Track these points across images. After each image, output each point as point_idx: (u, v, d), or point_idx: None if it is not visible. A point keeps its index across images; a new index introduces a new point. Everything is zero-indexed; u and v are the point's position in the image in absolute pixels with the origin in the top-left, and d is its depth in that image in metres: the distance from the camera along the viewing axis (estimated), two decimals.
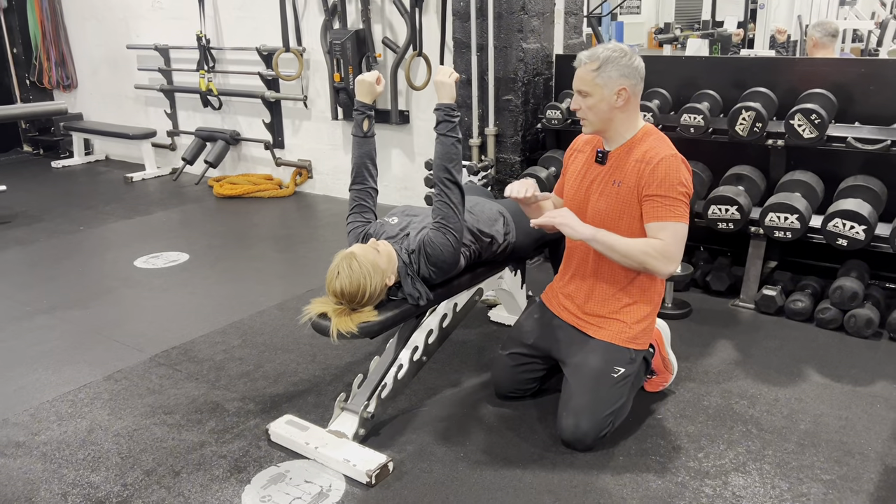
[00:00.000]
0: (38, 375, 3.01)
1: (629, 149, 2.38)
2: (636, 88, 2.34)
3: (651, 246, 2.30)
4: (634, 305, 2.47)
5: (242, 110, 6.20)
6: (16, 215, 5.44)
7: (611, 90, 2.30)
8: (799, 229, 3.29)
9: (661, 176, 2.28)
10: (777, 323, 3.37)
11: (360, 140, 2.68)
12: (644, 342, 2.51)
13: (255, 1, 5.73)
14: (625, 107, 2.33)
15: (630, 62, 2.30)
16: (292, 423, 2.52)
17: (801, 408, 2.66)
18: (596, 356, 2.44)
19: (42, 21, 7.33)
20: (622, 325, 2.46)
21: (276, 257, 4.52)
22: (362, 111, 2.66)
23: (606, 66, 2.28)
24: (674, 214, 2.29)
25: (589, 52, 2.34)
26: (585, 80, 2.32)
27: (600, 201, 2.42)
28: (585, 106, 2.35)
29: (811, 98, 3.43)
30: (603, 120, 2.36)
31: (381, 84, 2.67)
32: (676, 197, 2.29)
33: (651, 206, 2.31)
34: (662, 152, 2.31)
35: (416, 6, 4.71)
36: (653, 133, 2.40)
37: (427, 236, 2.43)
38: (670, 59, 5.48)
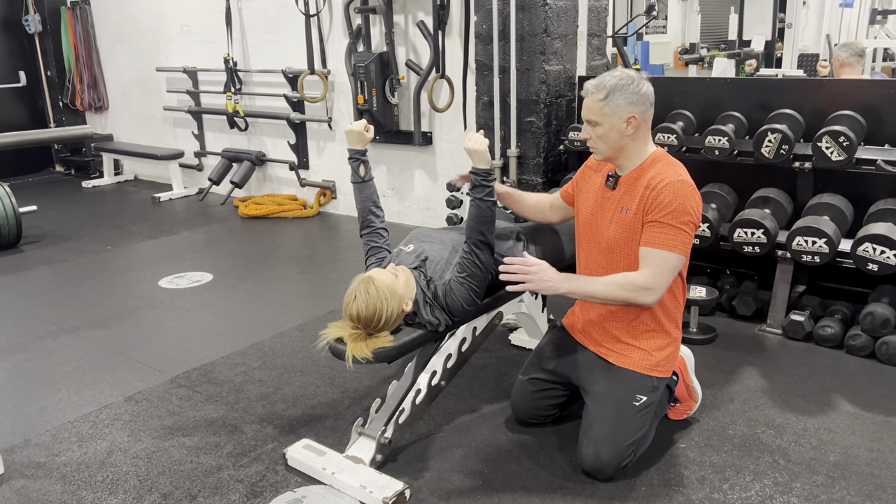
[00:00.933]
0: (60, 395, 3.04)
1: (639, 175, 2.35)
2: (646, 115, 2.31)
3: (631, 282, 2.28)
4: (655, 332, 2.42)
5: (268, 131, 6.27)
6: (45, 235, 5.54)
7: (620, 118, 2.27)
8: (827, 254, 3.22)
9: (664, 201, 2.25)
10: (805, 349, 3.29)
11: (360, 186, 2.72)
12: (667, 370, 2.46)
13: (281, 24, 5.81)
14: (635, 134, 2.31)
15: (638, 89, 2.27)
16: (309, 447, 2.51)
17: (830, 438, 2.58)
18: (617, 384, 2.39)
19: (76, 45, 7.52)
20: (644, 352, 2.41)
21: (298, 278, 4.53)
22: (356, 158, 2.70)
23: (614, 94, 2.26)
24: (667, 243, 2.25)
25: (596, 80, 2.32)
26: (593, 109, 2.30)
27: (610, 228, 2.40)
28: (595, 135, 2.33)
29: (839, 120, 3.37)
30: (613, 148, 2.34)
31: (370, 131, 2.70)
32: (675, 225, 2.25)
33: (648, 231, 2.28)
34: (669, 178, 2.28)
35: (440, 29, 4.74)
36: (662, 159, 2.36)
37: (449, 289, 2.42)
38: (694, 81, 5.44)
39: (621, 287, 2.29)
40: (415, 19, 4.99)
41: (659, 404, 2.46)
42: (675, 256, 2.26)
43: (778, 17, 9.55)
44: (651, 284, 2.26)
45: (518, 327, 3.43)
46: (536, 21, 4.07)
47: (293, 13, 5.50)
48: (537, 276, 2.30)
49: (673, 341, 2.45)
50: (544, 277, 2.30)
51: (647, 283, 2.26)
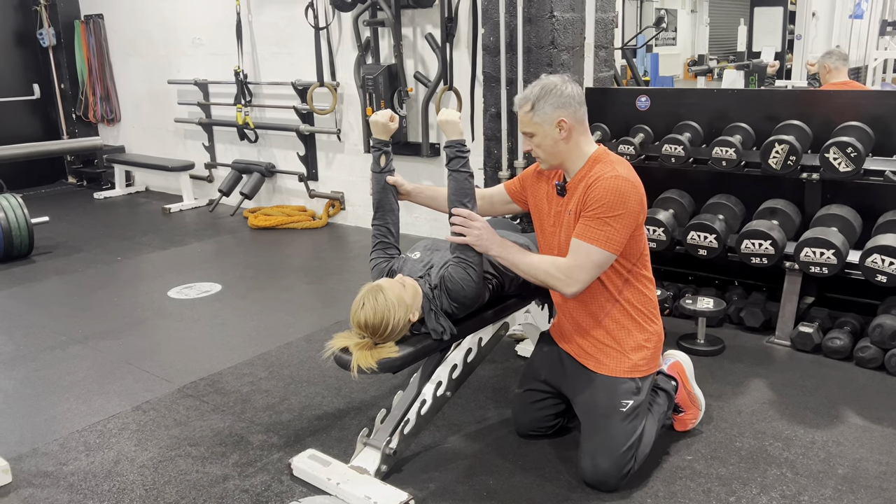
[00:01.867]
0: (69, 405, 3.06)
1: (581, 178, 2.37)
2: (576, 115, 2.33)
3: (554, 266, 2.32)
4: (627, 329, 2.41)
5: (278, 143, 6.31)
6: (57, 245, 5.59)
7: (550, 125, 2.31)
8: (836, 265, 3.20)
9: (595, 196, 2.26)
10: (814, 361, 3.27)
11: (379, 176, 2.71)
12: (648, 368, 2.43)
13: (291, 37, 5.86)
14: (569, 137, 2.33)
15: (561, 92, 2.30)
16: (315, 457, 2.51)
17: (839, 451, 2.55)
18: (600, 392, 2.40)
19: (89, 58, 7.61)
20: (619, 354, 2.41)
21: (306, 289, 4.55)
22: (378, 148, 2.70)
23: (539, 103, 2.30)
24: (591, 236, 2.26)
25: (522, 94, 2.39)
26: (525, 121, 2.37)
27: (563, 233, 2.43)
28: (533, 145, 2.39)
29: (847, 131, 3.36)
30: (552, 154, 2.37)
31: (395, 121, 2.70)
32: (603, 218, 2.24)
33: (579, 224, 2.30)
34: (604, 174, 2.29)
35: (448, 41, 4.77)
36: (601, 158, 2.37)
37: (447, 272, 2.42)
38: (702, 92, 5.45)
39: (543, 270, 2.34)
40: (423, 32, 5.02)
41: (655, 404, 2.47)
42: (598, 251, 2.26)
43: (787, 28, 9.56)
44: (570, 275, 2.29)
45: (524, 338, 3.43)
46: (543, 33, 4.09)
47: (303, 26, 5.55)
48: (475, 232, 2.36)
49: (649, 337, 2.43)
50: (481, 235, 2.37)
51: (568, 272, 2.29)
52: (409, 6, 4.90)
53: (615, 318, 2.40)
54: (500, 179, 4.36)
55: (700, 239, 3.56)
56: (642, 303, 2.43)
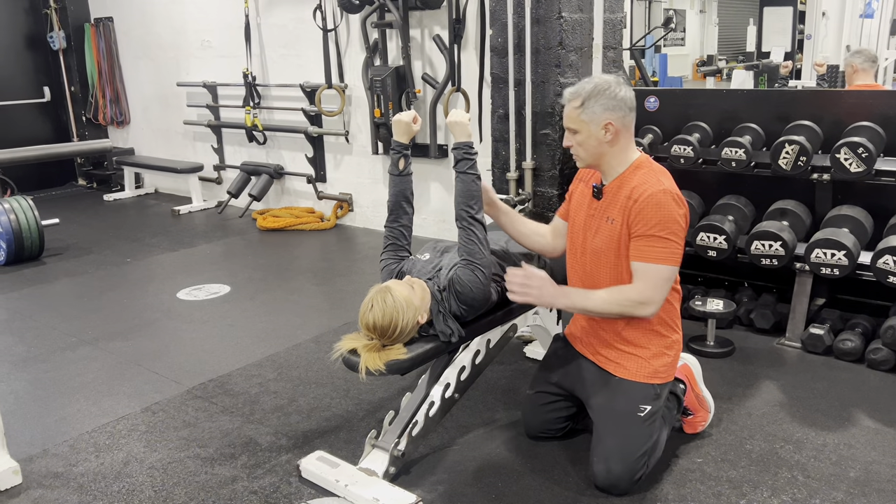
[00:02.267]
0: (79, 406, 3.07)
1: (621, 184, 2.34)
2: (625, 121, 2.30)
3: (625, 297, 2.29)
4: (649, 336, 2.40)
5: (286, 145, 6.33)
6: (67, 247, 5.62)
7: (597, 125, 2.27)
8: (847, 266, 3.18)
9: (648, 214, 2.24)
10: (825, 363, 3.25)
11: (396, 178, 2.68)
12: (667, 375, 2.43)
13: (299, 39, 5.87)
14: (614, 140, 2.30)
15: (614, 94, 2.26)
16: (323, 459, 2.51)
17: (850, 454, 2.53)
18: (619, 396, 2.38)
19: (99, 61, 7.66)
20: (641, 360, 2.39)
21: (314, 290, 4.55)
22: (398, 150, 2.67)
23: (590, 101, 2.26)
24: (656, 256, 2.24)
25: (573, 87, 2.32)
26: (571, 117, 2.31)
27: (596, 239, 2.39)
28: (575, 142, 2.34)
29: (858, 131, 3.33)
30: (593, 155, 2.34)
31: (418, 123, 2.67)
32: (663, 237, 2.23)
33: (636, 245, 2.28)
34: (651, 188, 2.26)
35: (456, 43, 4.77)
36: (644, 166, 2.34)
37: (455, 274, 2.42)
38: (711, 93, 5.42)
39: (616, 302, 2.30)
40: (431, 33, 5.02)
41: (667, 411, 2.44)
42: (667, 268, 2.26)
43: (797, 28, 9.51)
44: (645, 298, 2.26)
45: (533, 340, 3.42)
46: (552, 34, 4.08)
47: (311, 28, 5.57)
48: (535, 291, 2.33)
49: (671, 345, 2.42)
50: (541, 293, 2.33)
51: (642, 296, 2.27)
52: (416, 8, 4.90)
53: (640, 326, 2.39)
54: (508, 181, 4.36)
55: (710, 240, 3.54)
56: (667, 311, 2.41)
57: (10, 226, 5.03)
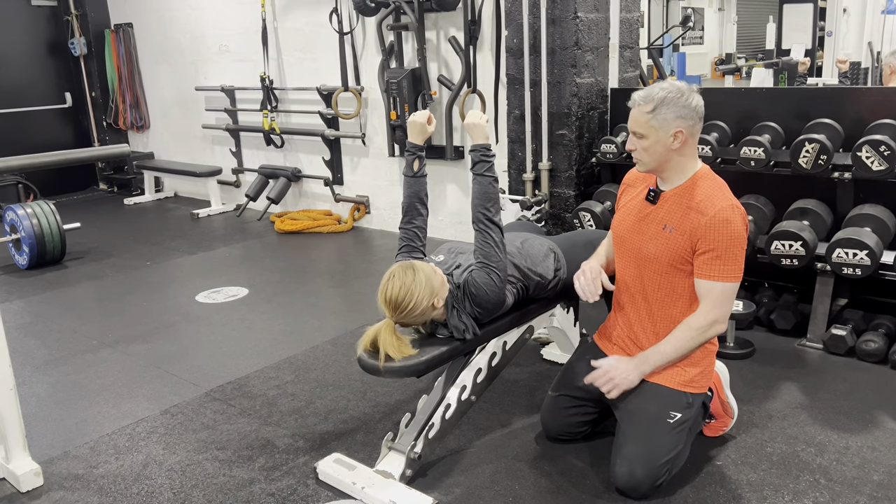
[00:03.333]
0: (99, 408, 3.10)
1: (683, 193, 2.31)
2: (694, 129, 2.27)
3: (694, 330, 2.30)
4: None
5: (303, 148, 6.36)
6: (88, 251, 5.68)
7: (666, 132, 2.23)
8: (869, 266, 3.13)
9: (717, 230, 2.21)
10: (847, 364, 3.20)
11: (411, 180, 2.69)
12: (702, 385, 2.41)
13: (315, 43, 5.90)
14: (681, 149, 2.26)
15: (688, 102, 2.22)
16: (340, 461, 2.52)
17: (874, 457, 2.49)
18: (650, 401, 2.35)
19: (119, 66, 7.75)
20: (677, 367, 2.36)
21: (331, 292, 4.57)
22: (413, 152, 2.67)
23: (662, 107, 2.21)
24: (725, 274, 2.24)
25: (644, 91, 2.27)
26: (640, 121, 2.26)
27: (650, 245, 2.35)
28: (640, 147, 2.29)
29: (880, 129, 3.28)
30: (658, 161, 2.29)
31: (433, 124, 2.68)
32: (730, 254, 2.22)
33: (703, 262, 2.25)
34: (718, 203, 2.23)
35: (471, 44, 4.76)
36: (709, 178, 2.32)
37: (470, 276, 2.41)
38: (729, 91, 5.37)
39: (690, 338, 2.31)
40: (446, 35, 5.02)
41: (694, 421, 2.40)
42: (731, 286, 2.27)
43: (818, 25, 9.39)
44: (714, 318, 2.28)
45: (550, 342, 3.40)
46: (567, 34, 4.06)
47: (327, 31, 5.59)
48: (616, 381, 2.33)
49: (707, 355, 2.40)
50: (622, 377, 2.33)
51: (710, 318, 2.28)
52: (432, 10, 4.90)
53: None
54: (525, 182, 4.35)
55: None
56: None
57: (33, 230, 5.10)
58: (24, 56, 7.66)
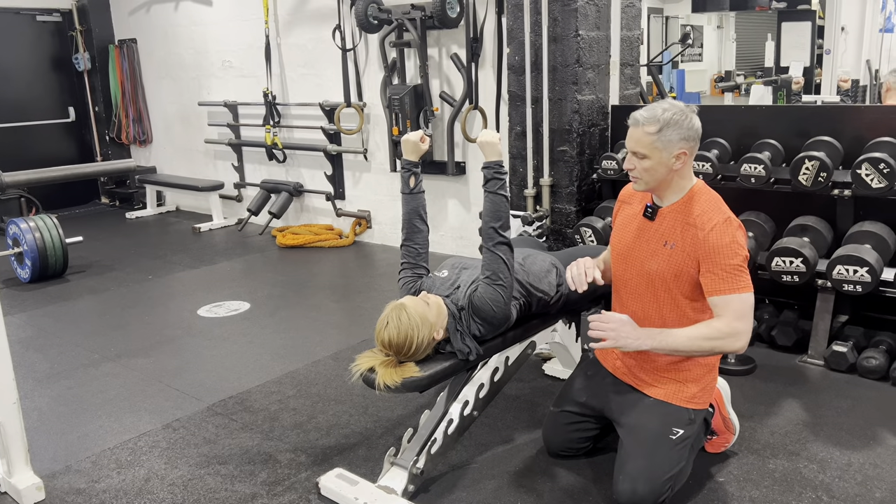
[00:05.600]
0: (101, 422, 3.10)
1: (681, 208, 2.32)
2: (694, 150, 2.29)
3: (715, 330, 2.23)
4: (691, 363, 2.38)
5: (305, 163, 6.39)
6: (90, 265, 5.69)
7: (670, 153, 2.22)
8: (870, 283, 3.14)
9: (719, 245, 2.21)
10: (849, 381, 3.20)
11: (408, 197, 2.72)
12: (704, 402, 2.41)
13: (318, 59, 5.95)
14: (682, 170, 2.28)
15: (691, 124, 2.23)
16: (342, 476, 2.52)
17: (876, 474, 2.49)
18: (653, 417, 2.35)
19: (122, 81, 7.80)
20: (679, 384, 2.37)
21: (333, 307, 4.58)
22: (408, 169, 2.71)
23: (667, 129, 2.20)
24: (736, 286, 2.21)
25: (647, 112, 2.25)
26: (643, 142, 2.24)
27: (651, 262, 2.36)
28: (641, 167, 2.27)
29: (879, 147, 3.31)
30: (658, 181, 2.30)
31: (426, 142, 2.71)
32: (736, 267, 2.21)
33: (712, 279, 2.23)
34: (716, 217, 2.24)
35: (473, 61, 4.81)
36: (704, 192, 2.33)
37: (477, 291, 2.42)
38: (729, 109, 5.40)
39: (706, 338, 2.24)
40: (448, 52, 5.07)
41: (696, 438, 2.40)
42: (748, 296, 2.23)
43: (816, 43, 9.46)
44: (735, 330, 2.22)
45: (551, 357, 3.41)
46: (569, 52, 4.10)
47: (330, 48, 5.64)
48: (616, 334, 2.25)
49: (709, 371, 2.41)
50: (624, 335, 2.25)
51: (732, 328, 2.21)
52: (434, 27, 4.95)
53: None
54: (526, 197, 4.37)
55: None
56: None
57: (35, 244, 5.12)
58: (29, 71, 7.71)
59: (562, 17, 4.08)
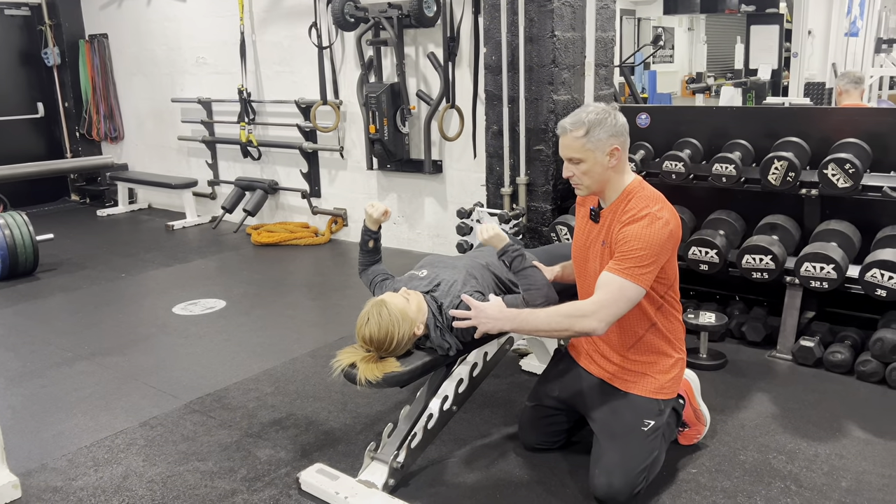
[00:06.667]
0: (76, 421, 3.07)
1: (617, 207, 2.36)
2: (625, 145, 2.34)
3: (576, 308, 2.29)
4: (657, 355, 2.44)
5: (281, 160, 6.37)
6: (61, 263, 5.62)
7: (603, 152, 2.29)
8: (836, 279, 3.24)
9: (631, 233, 2.25)
10: (816, 375, 3.30)
11: (365, 253, 2.85)
12: (672, 391, 2.47)
13: (294, 56, 5.93)
14: (617, 165, 2.33)
15: (616, 121, 2.30)
16: (322, 471, 2.53)
17: (842, 464, 2.58)
18: (624, 410, 2.41)
19: (93, 77, 7.69)
20: (647, 376, 2.43)
21: (309, 305, 4.58)
22: (370, 235, 2.82)
23: (594, 129, 2.27)
24: (628, 272, 2.22)
25: (572, 118, 2.32)
26: (574, 147, 2.31)
27: (595, 262, 2.42)
28: (579, 172, 2.34)
29: (845, 147, 3.41)
30: (598, 182, 2.35)
31: (388, 216, 2.80)
32: (637, 254, 2.22)
33: (612, 261, 2.28)
34: (642, 212, 2.28)
35: (450, 60, 4.84)
36: (639, 190, 2.36)
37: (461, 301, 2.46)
38: (701, 109, 5.50)
39: (565, 315, 2.28)
40: (425, 51, 5.09)
41: (667, 427, 2.47)
42: (633, 287, 2.23)
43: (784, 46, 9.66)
44: (593, 310, 2.23)
45: (529, 353, 3.46)
46: (545, 52, 4.15)
47: (306, 45, 5.63)
48: (478, 319, 2.34)
49: (676, 363, 2.47)
50: (484, 318, 2.33)
51: (593, 308, 2.24)
52: (411, 26, 4.97)
53: (648, 342, 2.43)
54: (503, 196, 4.42)
55: (701, 254, 3.60)
56: (671, 329, 2.45)
57: (5, 241, 5.04)
58: None
59: (538, 18, 4.12)
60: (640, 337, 2.42)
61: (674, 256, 2.39)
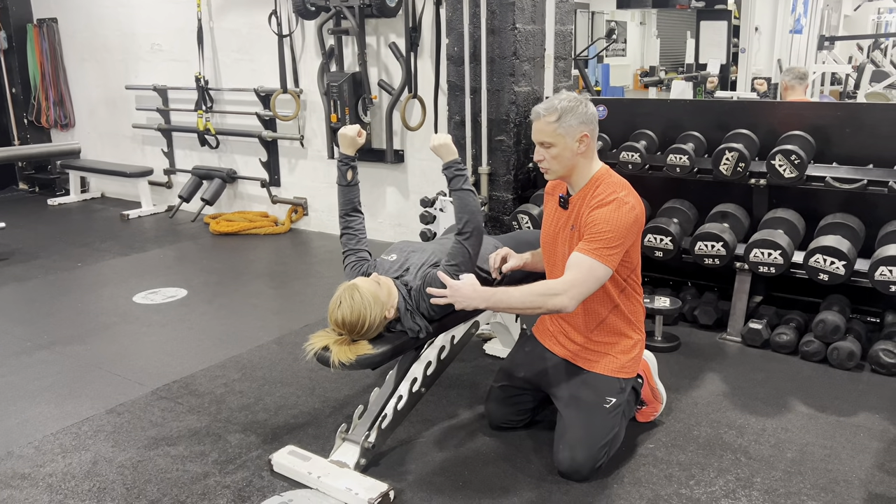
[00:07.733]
0: (40, 409, 3.05)
1: (585, 194, 2.46)
2: (594, 133, 2.45)
3: (548, 287, 2.36)
4: (619, 336, 2.56)
5: (239, 149, 6.32)
6: (13, 252, 5.49)
7: (573, 138, 2.39)
8: (782, 264, 3.41)
9: (599, 216, 2.35)
10: (763, 356, 3.48)
11: (345, 189, 2.80)
12: (632, 370, 2.60)
13: (253, 44, 5.90)
14: (586, 152, 2.44)
15: (586, 109, 2.41)
16: (294, 453, 2.58)
17: (787, 437, 2.74)
18: (587, 388, 2.53)
19: (42, 62, 7.49)
20: (608, 356, 2.55)
21: (272, 293, 4.59)
22: (346, 163, 2.78)
23: (566, 115, 2.37)
24: (597, 253, 2.31)
25: (546, 104, 2.42)
26: (546, 131, 2.40)
27: (564, 246, 2.52)
28: (549, 156, 2.43)
29: (791, 140, 3.58)
30: (566, 167, 2.45)
31: (363, 136, 2.77)
32: (605, 236, 2.32)
33: (582, 241, 2.37)
34: (609, 197, 2.38)
35: (412, 51, 4.89)
36: (606, 177, 2.46)
37: (432, 275, 2.52)
38: (656, 102, 5.67)
39: (538, 293, 2.35)
40: (387, 41, 5.13)
41: (627, 405, 2.59)
42: (601, 266, 2.32)
43: (732, 42, 9.96)
44: (564, 289, 2.30)
45: (492, 337, 3.55)
46: (506, 44, 4.24)
47: (266, 33, 5.60)
48: (454, 297, 2.38)
49: (636, 343, 2.59)
50: (460, 297, 2.37)
51: (564, 287, 2.31)
52: (373, 15, 5.00)
53: (610, 323, 2.54)
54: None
55: (656, 241, 3.74)
56: (633, 311, 2.57)
57: None
58: None
59: (499, 10, 4.21)
60: (604, 318, 2.53)
61: (637, 241, 2.50)
